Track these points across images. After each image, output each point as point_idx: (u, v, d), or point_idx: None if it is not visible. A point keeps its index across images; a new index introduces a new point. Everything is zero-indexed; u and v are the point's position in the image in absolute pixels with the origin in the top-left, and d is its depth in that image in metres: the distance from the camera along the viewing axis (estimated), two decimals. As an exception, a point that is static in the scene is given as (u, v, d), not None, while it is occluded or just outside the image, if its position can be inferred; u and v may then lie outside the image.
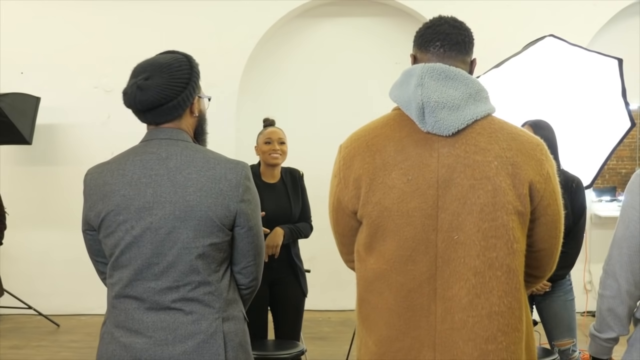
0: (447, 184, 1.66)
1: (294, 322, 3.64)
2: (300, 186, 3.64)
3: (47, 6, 6.60)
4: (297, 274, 3.58)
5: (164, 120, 1.93)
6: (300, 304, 3.65)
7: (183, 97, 1.91)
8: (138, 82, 1.87)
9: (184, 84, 1.91)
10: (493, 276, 1.64)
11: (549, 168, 1.71)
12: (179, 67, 1.91)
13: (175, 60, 1.93)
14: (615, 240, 1.93)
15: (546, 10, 6.24)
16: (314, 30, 6.85)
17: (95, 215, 1.91)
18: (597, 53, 4.33)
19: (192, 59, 1.98)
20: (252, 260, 1.99)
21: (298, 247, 3.65)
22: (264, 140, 3.59)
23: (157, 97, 1.87)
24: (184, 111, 1.94)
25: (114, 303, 1.90)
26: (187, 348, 1.83)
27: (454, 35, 1.77)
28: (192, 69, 1.95)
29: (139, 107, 1.89)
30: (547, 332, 3.54)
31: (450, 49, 1.76)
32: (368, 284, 1.75)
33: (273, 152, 3.56)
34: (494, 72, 4.33)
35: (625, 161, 7.41)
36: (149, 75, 1.88)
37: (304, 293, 3.62)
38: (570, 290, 3.50)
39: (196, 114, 1.98)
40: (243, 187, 1.90)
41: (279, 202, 3.54)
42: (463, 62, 1.78)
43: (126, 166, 1.89)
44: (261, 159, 3.63)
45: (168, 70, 1.89)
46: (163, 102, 1.89)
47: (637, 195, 1.88)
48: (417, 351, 1.68)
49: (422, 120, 1.69)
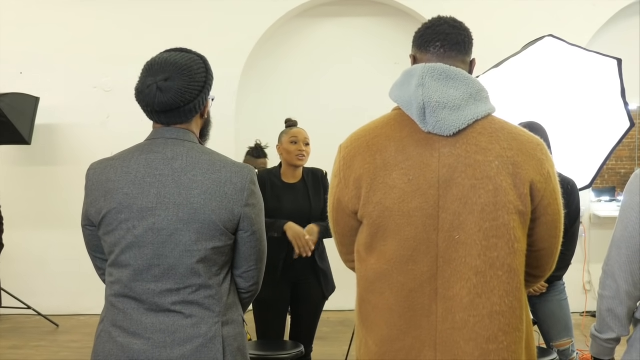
0: (448, 184, 1.66)
1: (311, 324, 3.60)
2: (323, 185, 3.57)
3: (46, 6, 6.60)
4: (318, 275, 3.51)
5: (176, 121, 1.90)
6: (319, 307, 3.60)
7: (199, 100, 1.90)
8: (158, 83, 1.83)
9: (201, 87, 1.89)
10: (494, 276, 1.64)
11: (549, 168, 1.71)
12: (197, 70, 1.89)
13: (194, 62, 1.90)
14: (614, 241, 1.93)
15: (546, 10, 6.24)
16: (313, 30, 6.85)
17: (96, 211, 1.88)
18: (596, 53, 4.33)
19: (207, 60, 1.96)
20: (254, 265, 1.97)
21: (323, 248, 3.56)
22: (290, 140, 3.53)
23: (177, 99, 1.85)
24: (197, 114, 1.93)
25: (112, 301, 1.88)
26: (185, 352, 1.81)
27: (454, 36, 1.77)
28: (208, 72, 1.93)
29: (157, 109, 1.86)
30: (543, 333, 3.54)
31: (450, 49, 1.77)
32: (369, 284, 1.74)
33: (300, 154, 3.51)
34: (493, 72, 4.33)
35: (625, 161, 7.42)
36: (168, 76, 1.84)
37: (324, 295, 3.56)
38: (564, 290, 3.52)
39: (206, 116, 1.98)
40: (248, 192, 1.88)
41: (298, 201, 3.49)
42: (463, 62, 1.78)
43: (131, 164, 1.87)
44: (284, 159, 3.57)
45: (189, 73, 1.86)
46: (181, 105, 1.86)
47: (636, 196, 1.88)
48: (418, 351, 1.68)
49: (423, 121, 1.69)
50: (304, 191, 3.52)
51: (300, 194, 3.53)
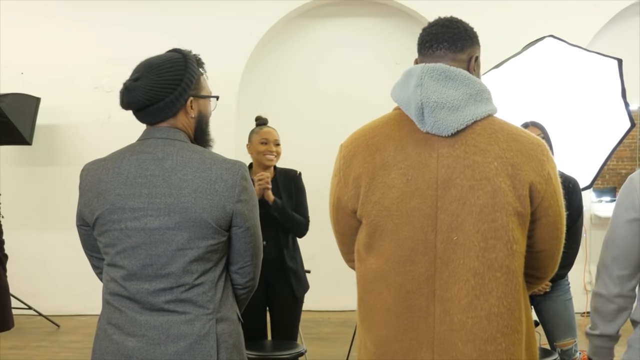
0: (446, 185, 1.66)
1: (289, 325, 3.57)
2: (295, 185, 3.55)
3: (47, 6, 6.60)
4: (288, 275, 3.47)
5: (155, 120, 1.91)
6: (293, 308, 3.55)
7: (172, 99, 1.88)
8: (126, 83, 1.89)
9: (175, 84, 1.88)
10: (492, 277, 1.64)
11: (550, 169, 1.70)
12: (169, 68, 1.89)
13: (168, 60, 1.91)
14: (604, 241, 1.99)
15: (546, 10, 6.23)
16: (314, 30, 6.85)
17: (89, 212, 1.89)
18: (596, 53, 4.33)
19: (191, 58, 1.94)
20: (249, 261, 1.97)
21: (294, 249, 3.54)
22: (260, 140, 3.52)
23: (141, 98, 1.87)
24: (175, 112, 1.91)
25: (108, 300, 1.89)
26: (179, 348, 1.81)
27: (441, 34, 1.76)
28: (187, 69, 1.91)
29: (126, 108, 1.91)
30: (547, 332, 3.53)
31: (437, 48, 1.75)
32: (367, 284, 1.74)
33: (269, 153, 3.50)
34: (493, 72, 4.33)
35: (625, 161, 7.41)
36: (139, 76, 1.88)
37: (295, 297, 3.51)
38: (569, 290, 3.51)
39: (192, 115, 1.94)
40: (239, 188, 1.87)
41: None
42: (454, 60, 1.75)
43: (122, 164, 1.87)
44: (254, 158, 3.57)
45: (157, 71, 1.88)
46: (149, 104, 1.88)
47: (626, 199, 1.92)
48: (415, 352, 1.67)
49: (421, 121, 1.68)
50: (274, 191, 3.47)
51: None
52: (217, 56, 6.26)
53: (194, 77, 1.93)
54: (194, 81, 1.92)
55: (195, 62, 1.96)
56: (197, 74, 1.95)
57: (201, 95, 1.96)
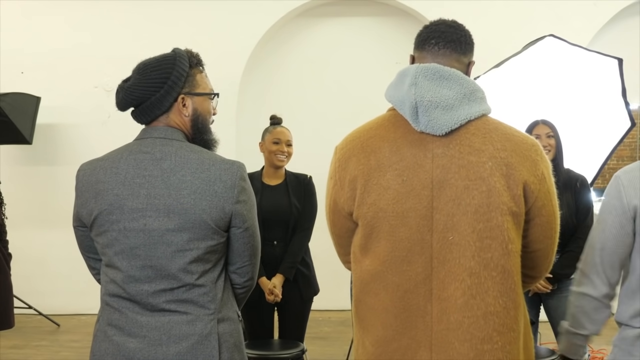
0: (441, 185, 1.66)
1: (296, 326, 3.58)
2: (305, 189, 3.54)
3: (47, 6, 6.61)
4: (297, 278, 3.49)
5: (147, 119, 1.92)
6: (300, 309, 3.57)
7: (159, 97, 1.87)
8: (119, 85, 1.91)
9: (160, 83, 1.87)
10: (488, 277, 1.64)
11: (543, 169, 1.70)
12: (156, 67, 1.88)
13: (157, 59, 1.91)
14: (590, 241, 1.98)
15: (546, 10, 6.23)
16: (314, 30, 6.85)
17: (87, 213, 1.88)
18: (597, 53, 4.33)
19: (181, 56, 1.91)
20: (248, 261, 1.96)
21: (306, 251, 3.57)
22: (273, 140, 3.52)
23: (127, 98, 1.89)
24: (165, 110, 1.90)
25: (107, 301, 1.88)
26: (181, 349, 1.81)
27: (449, 34, 1.77)
28: (175, 67, 1.88)
29: (118, 108, 1.94)
30: (554, 330, 3.52)
31: (444, 46, 1.76)
32: (364, 284, 1.75)
33: (280, 154, 3.50)
34: (493, 72, 4.33)
35: (626, 161, 7.42)
36: (130, 77, 1.91)
37: (302, 298, 3.53)
38: None
39: (186, 113, 1.92)
40: (238, 188, 1.86)
41: (277, 202, 3.47)
42: (458, 61, 1.76)
43: (120, 164, 1.86)
44: (266, 158, 3.57)
45: (143, 71, 1.89)
46: (136, 103, 1.89)
47: (614, 199, 1.91)
48: (413, 351, 1.68)
49: (415, 120, 1.68)
50: (284, 192, 3.49)
51: (279, 194, 3.50)
52: (218, 56, 6.26)
53: (183, 74, 1.90)
54: (182, 79, 1.90)
55: (188, 59, 1.93)
56: (187, 71, 1.92)
57: (195, 92, 1.94)
